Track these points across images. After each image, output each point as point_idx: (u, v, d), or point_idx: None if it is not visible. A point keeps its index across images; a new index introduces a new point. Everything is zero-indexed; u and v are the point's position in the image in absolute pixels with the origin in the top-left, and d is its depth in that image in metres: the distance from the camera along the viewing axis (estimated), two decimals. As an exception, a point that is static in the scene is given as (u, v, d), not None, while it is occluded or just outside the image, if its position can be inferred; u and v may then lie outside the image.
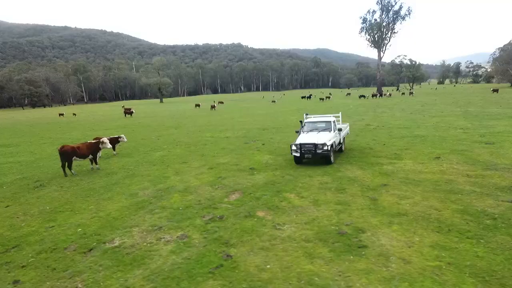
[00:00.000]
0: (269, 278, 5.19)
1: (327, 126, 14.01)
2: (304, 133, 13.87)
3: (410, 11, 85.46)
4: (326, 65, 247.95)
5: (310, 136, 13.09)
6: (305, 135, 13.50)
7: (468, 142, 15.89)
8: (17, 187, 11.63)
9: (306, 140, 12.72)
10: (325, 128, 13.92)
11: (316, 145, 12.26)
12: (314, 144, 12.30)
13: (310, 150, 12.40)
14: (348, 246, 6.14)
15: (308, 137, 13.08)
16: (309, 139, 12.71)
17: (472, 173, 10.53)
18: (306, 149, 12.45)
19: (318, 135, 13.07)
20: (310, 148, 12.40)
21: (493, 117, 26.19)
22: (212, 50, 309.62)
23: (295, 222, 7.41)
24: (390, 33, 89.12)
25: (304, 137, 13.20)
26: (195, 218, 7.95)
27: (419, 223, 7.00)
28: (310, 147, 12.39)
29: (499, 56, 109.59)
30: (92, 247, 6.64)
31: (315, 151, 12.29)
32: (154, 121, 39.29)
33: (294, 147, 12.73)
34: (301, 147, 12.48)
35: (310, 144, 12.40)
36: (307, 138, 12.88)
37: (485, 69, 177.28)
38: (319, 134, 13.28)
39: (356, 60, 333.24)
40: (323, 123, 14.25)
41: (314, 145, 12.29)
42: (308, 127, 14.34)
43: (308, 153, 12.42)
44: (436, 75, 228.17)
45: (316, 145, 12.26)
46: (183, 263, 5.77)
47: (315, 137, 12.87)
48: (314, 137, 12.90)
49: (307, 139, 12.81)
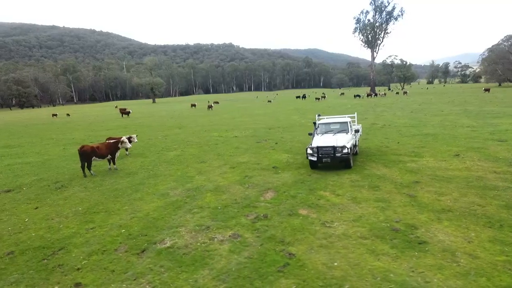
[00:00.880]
0: (342, 276, 5.14)
1: (343, 128, 13.10)
2: (319, 135, 12.89)
3: (403, 12, 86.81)
4: (317, 65, 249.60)
5: (326, 139, 12.19)
6: (320, 137, 12.57)
7: (481, 140, 16.15)
8: (37, 189, 11.29)
9: (323, 142, 11.78)
10: (341, 129, 13.01)
11: (335, 148, 11.35)
12: (333, 147, 11.37)
13: (328, 154, 11.40)
14: (408, 242, 6.14)
15: (324, 139, 12.16)
16: (327, 142, 11.78)
17: (498, 170, 10.69)
18: (324, 152, 11.46)
19: (335, 137, 12.15)
20: (328, 152, 11.41)
21: (494, 115, 26.70)
22: (203, 50, 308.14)
23: (342, 220, 7.38)
24: (383, 34, 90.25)
25: (320, 139, 12.27)
26: (239, 217, 7.85)
27: (467, 219, 7.05)
28: (329, 150, 11.42)
29: (488, 56, 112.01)
30: (143, 248, 6.47)
31: (334, 154, 11.35)
32: (154, 121, 38.84)
33: (310, 151, 11.74)
34: (318, 150, 11.48)
35: (328, 147, 11.44)
36: (324, 141, 11.95)
37: (473, 69, 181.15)
38: (335, 136, 12.38)
39: (347, 60, 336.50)
40: (338, 124, 13.33)
41: (333, 148, 11.36)
42: (323, 128, 13.36)
43: (326, 157, 11.41)
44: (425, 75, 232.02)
45: (335, 148, 11.35)
46: (248, 263, 5.68)
47: (333, 139, 11.95)
48: (331, 139, 11.99)
49: (324, 141, 11.87)
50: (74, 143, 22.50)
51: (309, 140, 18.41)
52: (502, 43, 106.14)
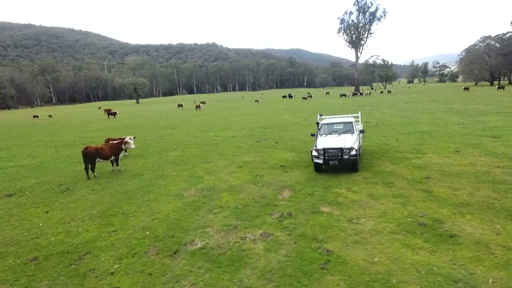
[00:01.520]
0: (385, 271, 5.20)
1: (347, 128, 12.55)
2: (322, 136, 12.26)
3: (385, 13, 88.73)
4: (301, 65, 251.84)
5: (332, 140, 11.57)
6: (324, 138, 11.94)
7: (475, 136, 16.73)
8: (41, 192, 10.85)
9: (329, 144, 11.16)
10: (345, 130, 12.45)
11: (342, 150, 10.76)
12: (340, 148, 10.78)
13: (335, 156, 10.83)
14: (439, 236, 6.28)
15: (330, 140, 11.55)
16: (334, 143, 11.17)
17: (502, 165, 11.10)
18: (331, 154, 10.88)
19: (340, 138, 11.61)
20: (335, 154, 10.84)
21: (480, 113, 27.70)
22: (186, 50, 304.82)
23: (367, 216, 7.47)
24: (367, 34, 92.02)
25: (325, 140, 11.62)
26: (263, 216, 7.80)
27: (487, 212, 7.28)
28: (336, 152, 10.84)
29: (465, 56, 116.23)
30: (174, 249, 6.33)
31: (341, 156, 10.77)
32: (143, 122, 38.11)
33: (315, 153, 11.18)
34: (324, 152, 10.90)
35: (335, 149, 10.84)
36: (330, 142, 11.33)
37: (450, 69, 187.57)
38: (340, 137, 11.83)
39: (329, 60, 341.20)
40: (342, 125, 12.77)
41: (341, 150, 10.77)
42: (326, 129, 12.72)
43: (333, 159, 10.83)
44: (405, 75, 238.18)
45: (342, 149, 10.76)
46: (288, 261, 5.66)
47: (340, 140, 11.39)
48: (337, 140, 11.43)
49: (330, 143, 11.27)
50: (65, 145, 21.80)
51: (309, 139, 18.59)
52: (478, 43, 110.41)
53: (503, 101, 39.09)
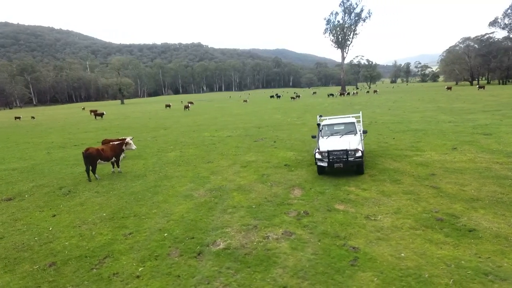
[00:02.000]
0: (415, 266, 5.28)
1: (349, 129, 12.04)
2: (324, 137, 11.76)
3: (370, 14, 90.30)
4: (286, 65, 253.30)
5: (336, 141, 11.09)
6: (327, 140, 11.46)
7: (468, 134, 17.22)
8: (42, 195, 10.48)
9: (334, 145, 10.68)
10: (347, 130, 11.94)
11: (347, 152, 10.32)
12: (345, 150, 10.32)
13: (340, 158, 10.36)
14: (458, 230, 6.43)
15: (334, 142, 11.04)
16: (338, 145, 10.69)
17: (500, 161, 11.47)
18: (336, 157, 10.40)
19: (344, 140, 11.12)
20: (340, 156, 10.38)
21: (467, 111, 28.56)
22: (171, 50, 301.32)
23: (384, 213, 7.57)
24: (352, 34, 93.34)
25: (328, 142, 11.13)
26: (280, 215, 7.79)
27: (498, 206, 7.51)
28: (341, 154, 10.38)
29: (446, 57, 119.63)
30: (197, 251, 6.24)
31: (346, 159, 10.31)
32: (133, 123, 37.41)
33: (319, 155, 10.68)
34: (329, 154, 10.42)
35: (340, 151, 10.38)
36: (334, 144, 10.84)
37: (431, 69, 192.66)
38: (343, 138, 11.35)
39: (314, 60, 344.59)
40: (344, 125, 12.26)
41: (346, 152, 10.32)
42: (327, 130, 12.20)
43: (338, 161, 10.36)
44: (388, 75, 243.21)
45: (347, 151, 10.32)
46: (317, 259, 5.66)
47: (345, 142, 10.89)
48: (343, 142, 10.93)
49: (334, 144, 10.78)
50: (56, 147, 21.15)
51: (308, 139, 18.71)
52: (459, 44, 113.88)
53: (486, 100, 40.42)
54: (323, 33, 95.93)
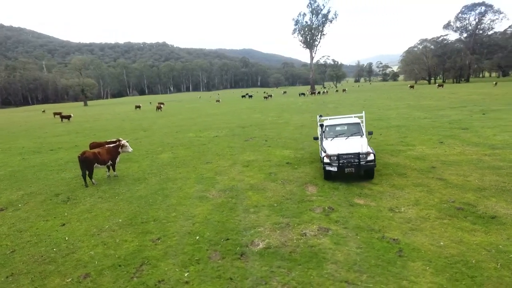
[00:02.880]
0: (458, 253, 5.56)
1: (355, 130, 11.28)
2: (329, 139, 11.04)
3: (337, 15, 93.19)
4: (254, 65, 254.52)
5: (344, 144, 10.37)
6: (332, 142, 10.79)
7: (447, 129, 18.36)
8: (38, 204, 9.70)
9: (344, 148, 9.88)
10: (353, 132, 11.20)
11: (359, 155, 9.53)
12: (357, 154, 9.53)
13: (352, 162, 9.55)
14: (481, 218, 6.84)
15: (342, 144, 10.31)
16: (349, 148, 9.90)
17: (487, 153, 12.35)
18: (347, 161, 9.60)
19: (353, 142, 10.45)
20: (351, 160, 9.57)
21: (436, 108, 30.40)
22: (135, 49, 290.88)
23: (405, 205, 7.87)
24: (320, 35, 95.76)
25: (335, 144, 10.39)
26: (306, 212, 7.84)
27: (506, 194, 8.09)
28: (353, 158, 9.58)
29: (405, 57, 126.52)
30: (239, 252, 6.11)
31: (358, 163, 9.51)
32: (106, 125, 35.68)
33: (327, 159, 9.84)
34: (339, 158, 9.65)
35: (352, 155, 9.60)
36: (343, 147, 10.07)
37: (392, 69, 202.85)
38: (350, 140, 10.70)
39: (280, 60, 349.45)
40: (349, 126, 11.47)
41: (358, 155, 9.53)
42: (331, 131, 11.43)
43: (349, 166, 9.56)
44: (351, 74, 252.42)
45: (359, 155, 9.53)
46: (364, 252, 5.77)
47: (355, 144, 10.13)
48: (353, 144, 10.18)
49: (344, 147, 9.99)
50: (31, 152, 19.66)
51: (299, 137, 18.94)
52: (417, 45, 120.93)
53: (448, 97, 43.24)
54: (292, 33, 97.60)
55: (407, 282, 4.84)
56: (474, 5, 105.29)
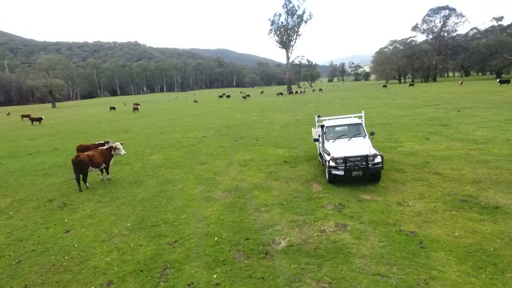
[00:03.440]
0: (476, 242, 5.84)
1: (356, 130, 10.80)
2: (330, 141, 10.51)
3: (311, 16, 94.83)
4: (229, 65, 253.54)
5: (347, 146, 9.94)
6: (335, 143, 10.29)
7: (428, 126, 19.22)
8: (32, 210, 9.14)
9: (350, 151, 9.41)
10: (355, 133, 10.72)
11: (367, 158, 9.07)
12: (365, 156, 9.07)
13: (359, 165, 9.10)
14: (485, 208, 7.23)
15: (346, 146, 9.85)
16: (355, 150, 9.44)
17: (472, 147, 13.06)
18: (354, 163, 9.15)
19: (356, 143, 10.07)
20: (359, 162, 9.12)
21: (412, 106, 31.68)
22: (105, 49, 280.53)
23: (411, 199, 8.17)
24: (295, 35, 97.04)
25: (340, 147, 9.89)
26: (318, 209, 7.93)
27: (502, 185, 8.58)
28: (360, 160, 9.13)
29: (377, 57, 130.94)
30: (263, 251, 6.08)
31: (366, 165, 9.06)
32: (82, 127, 34.21)
33: (333, 163, 9.28)
34: (346, 161, 9.16)
35: (359, 157, 9.14)
36: (348, 149, 9.59)
37: (363, 69, 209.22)
38: (353, 142, 10.30)
39: (255, 60, 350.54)
40: (350, 127, 10.96)
41: (366, 158, 9.07)
42: (332, 132, 10.88)
43: (357, 169, 9.12)
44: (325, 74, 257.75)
45: (367, 157, 9.07)
46: (387, 245, 5.93)
47: (362, 146, 9.72)
48: (355, 146, 9.80)
49: (349, 149, 9.51)
50: (6, 157, 18.48)
51: (289, 136, 19.10)
52: (388, 46, 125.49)
53: (420, 96, 45.20)
54: (268, 33, 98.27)
55: (436, 272, 5.03)
56: (439, 8, 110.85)
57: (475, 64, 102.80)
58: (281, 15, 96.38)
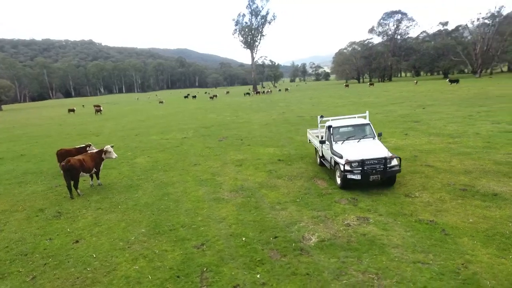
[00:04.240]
0: (491, 227, 6.34)
1: (366, 132, 10.22)
2: (339, 143, 9.80)
3: (275, 17, 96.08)
4: (191, 65, 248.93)
5: (360, 148, 9.36)
6: (347, 146, 9.58)
7: (402, 122, 20.41)
8: (25, 221, 8.32)
9: (366, 153, 8.81)
10: (364, 134, 10.14)
11: (385, 160, 8.54)
12: (383, 158, 8.54)
13: (376, 169, 8.56)
14: (486, 196, 7.87)
15: (358, 148, 9.28)
16: (370, 152, 8.87)
17: (449, 141, 14.09)
18: (371, 167, 8.57)
19: (369, 145, 9.54)
20: (377, 166, 8.57)
21: (380, 104, 33.41)
22: (56, 47, 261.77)
23: (415, 190, 8.65)
24: (260, 36, 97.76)
25: (352, 149, 9.26)
26: (334, 204, 8.11)
27: (492, 174, 9.36)
28: (379, 163, 8.57)
29: (337, 58, 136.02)
30: (296, 248, 6.10)
31: (384, 168, 8.54)
32: (43, 130, 31.69)
33: (348, 167, 8.62)
34: (363, 164, 8.57)
35: (377, 159, 8.59)
36: (362, 151, 8.99)
37: (323, 69, 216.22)
38: (365, 143, 9.74)
39: (217, 60, 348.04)
40: (359, 128, 10.35)
41: (384, 161, 8.54)
42: (339, 134, 10.18)
43: (374, 173, 8.56)
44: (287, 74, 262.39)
45: (385, 159, 8.54)
46: (414, 235, 6.23)
47: (371, 148, 9.27)
48: (369, 148, 9.27)
49: (365, 152, 8.90)
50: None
51: (273, 135, 19.23)
52: (347, 47, 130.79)
53: (383, 94, 47.79)
54: (232, 33, 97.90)
55: (469, 256, 5.40)
56: (392, 12, 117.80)
57: (425, 65, 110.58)
58: (245, 15, 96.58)
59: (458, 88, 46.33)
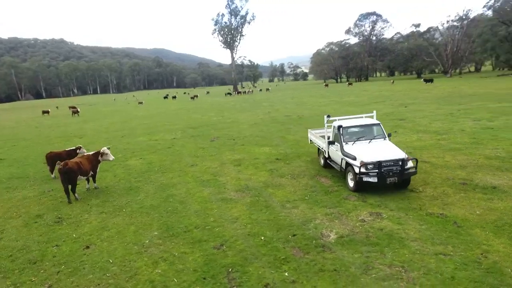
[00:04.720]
0: (498, 218, 6.67)
1: (376, 132, 9.84)
2: (349, 144, 9.39)
3: (254, 17, 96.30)
4: (169, 65, 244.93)
5: (373, 148, 8.97)
6: (359, 146, 9.19)
7: (389, 120, 21.02)
8: (23, 228, 7.88)
9: (381, 155, 8.45)
10: (375, 134, 9.76)
11: (403, 162, 8.23)
12: (401, 160, 8.23)
13: (393, 171, 8.23)
14: (486, 189, 8.26)
15: (372, 149, 8.89)
16: (387, 154, 8.52)
17: (437, 138, 14.68)
18: (388, 169, 8.24)
19: (382, 146, 9.17)
20: (393, 167, 8.25)
21: (363, 103, 34.27)
22: (24, 46, 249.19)
23: (418, 185, 8.95)
24: (239, 36, 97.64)
25: (366, 150, 8.88)
26: (343, 201, 8.25)
27: (486, 169, 9.82)
28: (396, 165, 8.25)
29: (315, 58, 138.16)
30: (317, 245, 6.16)
31: (401, 170, 8.22)
32: (20, 133, 30.12)
33: (364, 169, 8.23)
34: (380, 166, 8.24)
35: (394, 161, 8.26)
36: (377, 152, 8.63)
37: (301, 69, 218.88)
38: (377, 144, 9.34)
39: (195, 60, 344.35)
40: (369, 128, 9.97)
41: (402, 162, 8.22)
42: (349, 134, 9.72)
43: (391, 175, 8.21)
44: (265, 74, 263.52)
45: (403, 161, 8.23)
46: (429, 228, 6.44)
47: (386, 148, 8.95)
48: (383, 149, 8.93)
49: (379, 153, 8.56)
50: None
51: (265, 135, 19.25)
52: (325, 48, 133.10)
53: (363, 94, 49.03)
54: (212, 33, 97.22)
55: (485, 246, 5.66)
56: (368, 14, 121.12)
57: (400, 65, 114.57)
58: (224, 15, 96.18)
59: (434, 88, 48.23)
